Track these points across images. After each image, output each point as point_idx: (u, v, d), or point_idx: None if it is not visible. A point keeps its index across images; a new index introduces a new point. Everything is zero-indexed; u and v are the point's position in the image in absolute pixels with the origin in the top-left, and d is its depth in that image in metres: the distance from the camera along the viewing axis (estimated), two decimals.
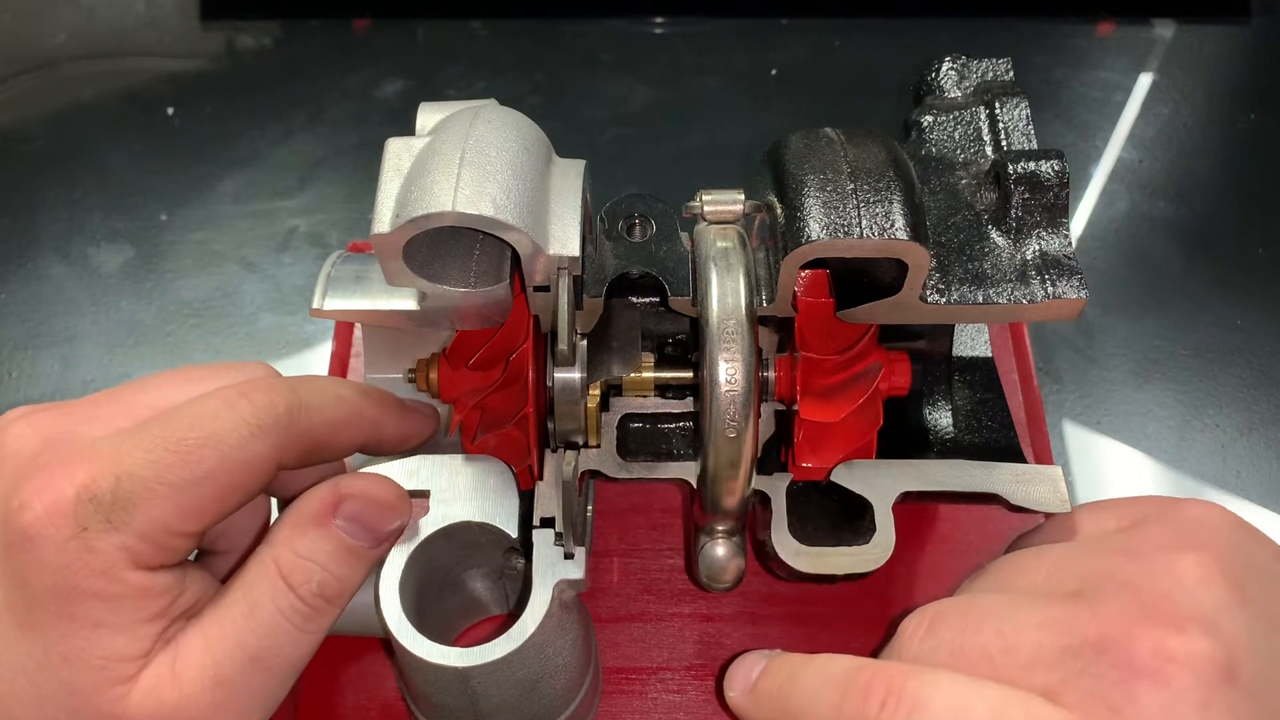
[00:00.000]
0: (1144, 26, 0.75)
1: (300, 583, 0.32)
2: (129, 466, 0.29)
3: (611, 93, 0.71)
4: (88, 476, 0.29)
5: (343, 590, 0.33)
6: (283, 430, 0.31)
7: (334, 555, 0.32)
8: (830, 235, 0.34)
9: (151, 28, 0.76)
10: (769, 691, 0.33)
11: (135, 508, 0.29)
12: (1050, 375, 0.56)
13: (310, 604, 0.32)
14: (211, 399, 0.31)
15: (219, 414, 0.30)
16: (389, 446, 0.37)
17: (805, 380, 0.38)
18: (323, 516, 0.32)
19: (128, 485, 0.29)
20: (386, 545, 0.35)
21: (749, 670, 0.34)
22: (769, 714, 0.32)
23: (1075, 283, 0.36)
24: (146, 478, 0.29)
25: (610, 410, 0.42)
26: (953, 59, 0.42)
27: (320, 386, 0.33)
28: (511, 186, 0.33)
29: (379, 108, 0.70)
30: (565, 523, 0.36)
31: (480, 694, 0.36)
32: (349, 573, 0.33)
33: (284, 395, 0.31)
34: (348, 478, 0.34)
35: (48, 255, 0.63)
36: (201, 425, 0.30)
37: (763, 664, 0.34)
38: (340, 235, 0.64)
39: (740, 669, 0.34)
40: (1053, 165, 0.36)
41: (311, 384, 0.33)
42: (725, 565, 0.38)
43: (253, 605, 0.31)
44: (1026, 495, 0.39)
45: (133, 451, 0.29)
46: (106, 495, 0.28)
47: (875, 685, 0.28)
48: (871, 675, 0.29)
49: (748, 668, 0.34)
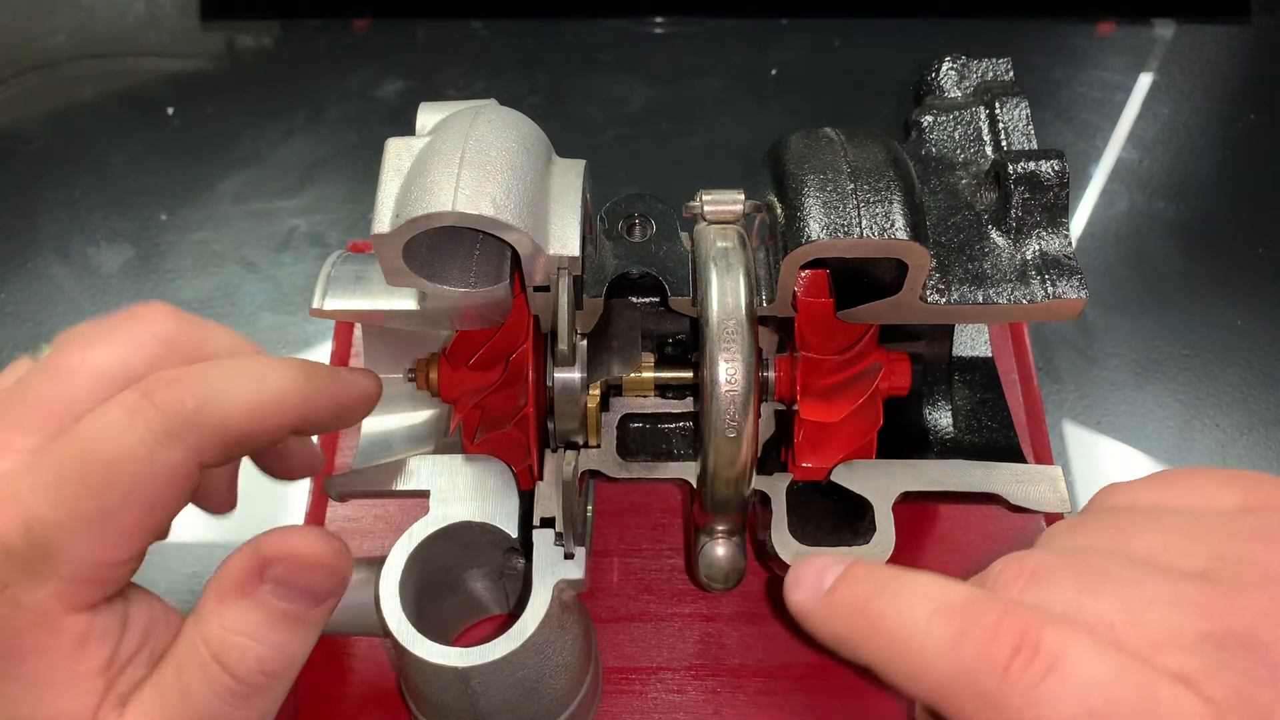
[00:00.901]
0: (1144, 26, 0.75)
1: (234, 661, 0.28)
2: (35, 510, 0.26)
3: (611, 93, 0.71)
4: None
5: (285, 661, 0.29)
6: (195, 430, 0.28)
7: (267, 624, 0.29)
8: (830, 235, 0.34)
9: (151, 28, 0.76)
10: (851, 603, 0.28)
11: (54, 554, 0.26)
12: (1050, 375, 0.56)
13: (249, 682, 0.28)
14: (111, 409, 0.27)
15: (121, 428, 0.27)
16: (328, 423, 0.33)
17: (805, 380, 0.38)
18: (246, 585, 0.29)
19: (40, 532, 0.26)
20: (331, 601, 0.30)
21: (819, 573, 0.29)
22: (848, 629, 0.28)
23: (1075, 283, 0.36)
24: (57, 520, 0.26)
25: (610, 410, 0.42)
26: (953, 59, 0.42)
27: (235, 370, 0.29)
28: (511, 186, 0.33)
29: (379, 108, 0.70)
30: (565, 523, 0.36)
31: (480, 694, 0.36)
32: (289, 640, 0.29)
33: (191, 389, 0.28)
34: (269, 536, 0.30)
35: (48, 255, 0.63)
36: (104, 447, 0.27)
37: (838, 569, 0.29)
38: (340, 235, 0.64)
39: (809, 571, 0.29)
40: (1053, 165, 0.36)
41: (224, 369, 0.29)
42: (725, 565, 0.38)
43: (185, 690, 0.28)
44: (1026, 495, 0.39)
45: (36, 493, 0.26)
46: (19, 547, 0.26)
47: (1008, 627, 0.24)
48: (1002, 614, 0.24)
49: (818, 570, 0.29)
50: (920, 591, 0.27)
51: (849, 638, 0.28)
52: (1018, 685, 0.23)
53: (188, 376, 0.28)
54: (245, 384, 0.29)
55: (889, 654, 0.26)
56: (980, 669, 0.24)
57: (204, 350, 0.30)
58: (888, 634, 0.26)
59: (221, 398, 0.28)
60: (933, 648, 0.25)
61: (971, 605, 0.25)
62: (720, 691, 0.44)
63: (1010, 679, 0.24)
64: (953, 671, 0.25)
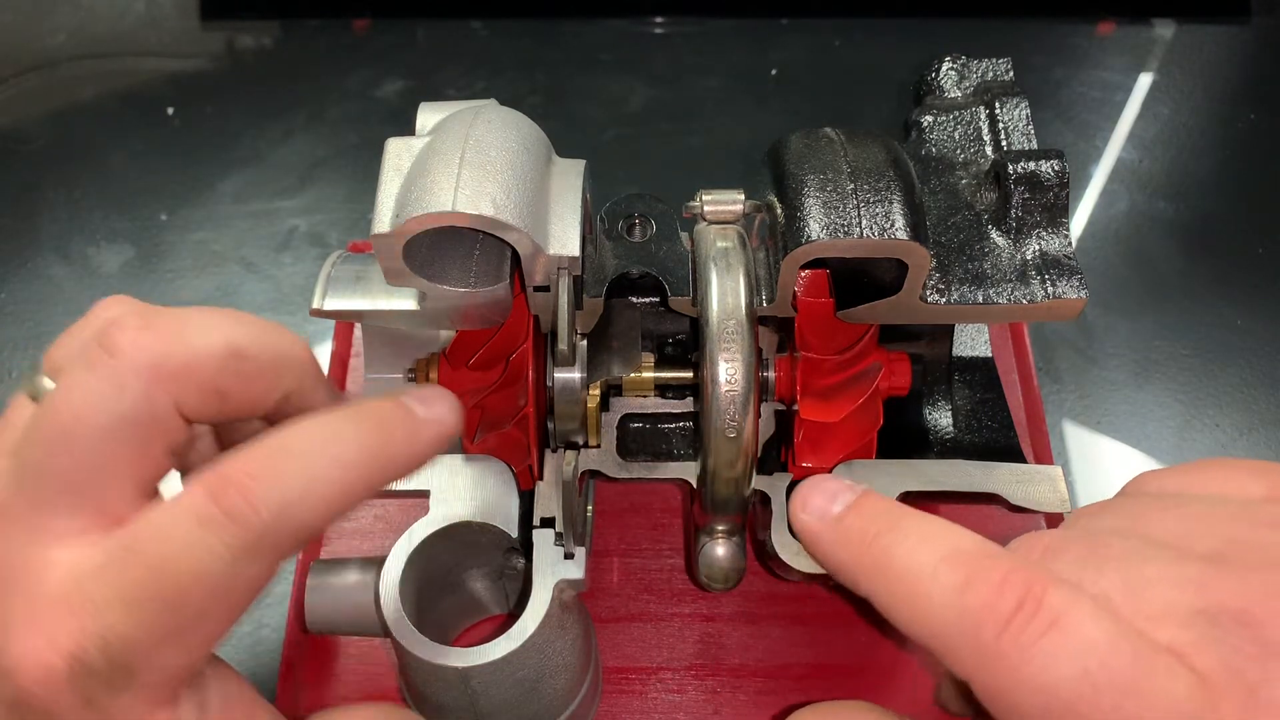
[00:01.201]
0: (1144, 26, 0.75)
1: None
2: (112, 625, 0.25)
3: (611, 93, 0.71)
4: (73, 644, 0.25)
5: None
6: (273, 541, 0.26)
7: None
8: (830, 235, 0.34)
9: (151, 28, 0.76)
10: (860, 534, 0.28)
11: (133, 669, 0.25)
12: (1050, 375, 0.56)
13: None
14: (181, 518, 0.26)
15: (196, 544, 0.25)
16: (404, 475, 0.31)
17: (805, 380, 0.38)
18: None
19: (118, 647, 0.25)
20: None
21: (830, 496, 0.29)
22: (854, 560, 0.28)
23: (1075, 283, 0.36)
24: (135, 637, 0.25)
25: (610, 410, 0.42)
26: (953, 59, 0.42)
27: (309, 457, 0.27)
28: (511, 186, 0.33)
29: (379, 108, 0.70)
30: (565, 523, 0.36)
31: (480, 694, 0.36)
32: None
33: (265, 494, 0.26)
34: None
35: (48, 255, 0.63)
36: (179, 563, 0.25)
37: (849, 496, 0.29)
38: (340, 235, 0.64)
39: (817, 493, 0.30)
40: (1053, 165, 0.36)
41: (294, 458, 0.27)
42: (725, 565, 0.38)
43: None
44: (1026, 495, 0.39)
45: (110, 604, 0.25)
46: (99, 663, 0.25)
47: (1013, 581, 0.24)
48: (1009, 569, 0.25)
49: (829, 493, 0.29)
50: (932, 535, 0.27)
51: (854, 569, 0.28)
52: (1017, 639, 0.24)
53: (259, 476, 0.26)
54: (324, 471, 0.27)
55: (893, 592, 0.27)
56: (982, 619, 0.24)
57: (196, 365, 0.28)
58: (895, 572, 0.27)
59: (299, 500, 0.26)
60: (938, 593, 0.25)
61: (981, 557, 0.26)
62: (720, 691, 0.44)
63: (1010, 632, 0.24)
64: (954, 619, 0.25)
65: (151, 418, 0.27)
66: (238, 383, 0.28)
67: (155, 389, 0.27)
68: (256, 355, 0.29)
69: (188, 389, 0.27)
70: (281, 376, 0.30)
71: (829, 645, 0.45)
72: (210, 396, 0.28)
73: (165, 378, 0.27)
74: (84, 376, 0.26)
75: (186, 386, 0.27)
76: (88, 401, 0.26)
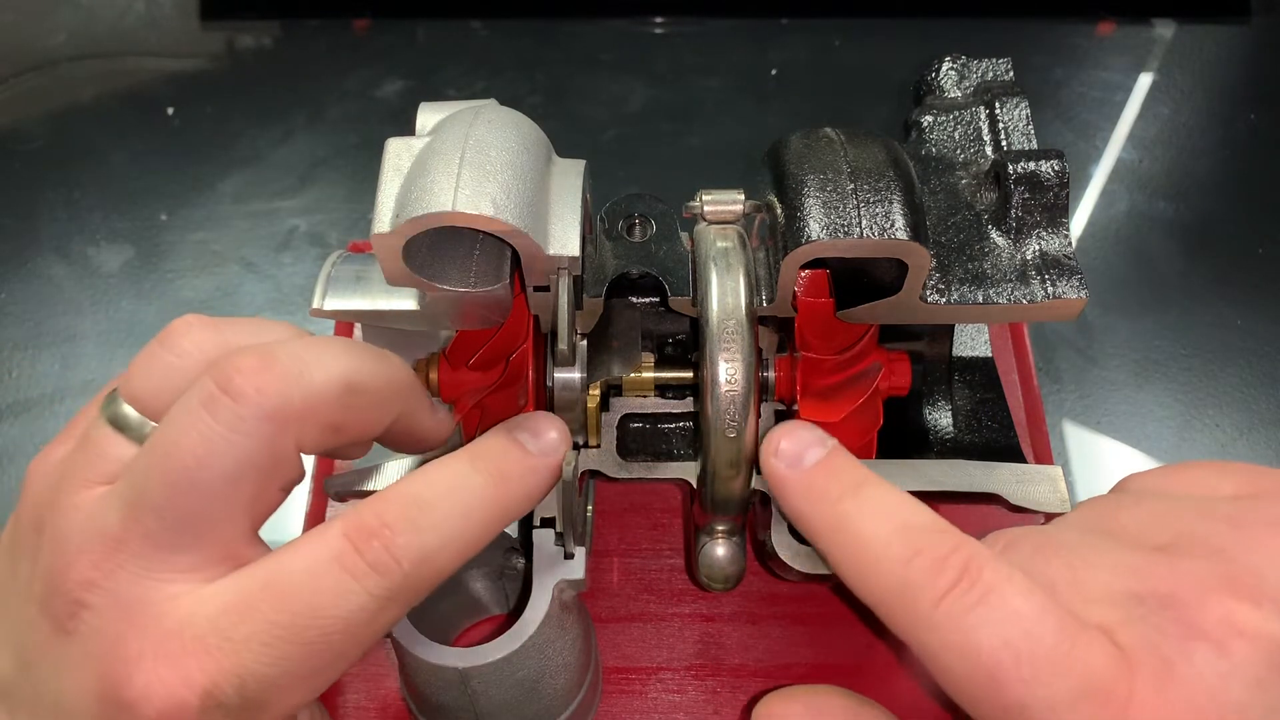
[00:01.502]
0: (1144, 26, 0.75)
1: None
2: (251, 666, 0.25)
3: (611, 93, 0.71)
4: (208, 680, 0.25)
5: None
6: (413, 589, 0.27)
7: None
8: (830, 235, 0.34)
9: (151, 28, 0.76)
10: (823, 491, 0.30)
11: (265, 708, 0.26)
12: (1050, 375, 0.56)
13: None
14: (324, 565, 0.26)
15: (341, 592, 0.26)
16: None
17: (805, 380, 0.38)
18: None
19: (254, 686, 0.25)
20: None
21: (802, 448, 0.31)
22: (814, 514, 0.30)
23: (1075, 283, 0.36)
24: (273, 677, 0.26)
25: (610, 410, 0.42)
26: (953, 59, 0.42)
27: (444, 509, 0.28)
28: (511, 186, 0.33)
29: (379, 108, 0.70)
30: (565, 523, 0.36)
31: (480, 694, 0.36)
32: None
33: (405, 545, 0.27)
34: None
35: (48, 255, 0.63)
36: (324, 611, 0.26)
37: (820, 451, 0.31)
38: (340, 235, 0.64)
39: (790, 439, 0.31)
40: (1053, 165, 0.36)
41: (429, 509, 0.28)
42: (725, 565, 0.38)
43: None
44: (1026, 495, 0.39)
45: (249, 644, 0.25)
46: (233, 700, 0.25)
47: (953, 560, 0.26)
48: (954, 547, 0.27)
49: (801, 444, 0.31)
50: (889, 506, 0.29)
51: (811, 523, 0.30)
52: (950, 610, 0.26)
53: (398, 529, 0.27)
54: (456, 523, 0.29)
55: (844, 552, 0.29)
56: (921, 590, 0.26)
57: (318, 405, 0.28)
58: (849, 536, 0.29)
59: (436, 552, 0.28)
60: (886, 563, 0.27)
61: (931, 533, 0.28)
62: (720, 691, 0.44)
63: (944, 604, 0.26)
64: (896, 587, 0.27)
65: (273, 461, 0.27)
66: (354, 415, 0.29)
67: (279, 434, 0.27)
68: (372, 388, 0.29)
69: (307, 429, 0.28)
70: (394, 405, 0.31)
71: (829, 645, 0.45)
72: (328, 433, 0.28)
73: (289, 421, 0.27)
74: (205, 421, 0.26)
75: (306, 427, 0.28)
76: (212, 448, 0.26)
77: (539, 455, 0.32)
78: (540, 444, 0.32)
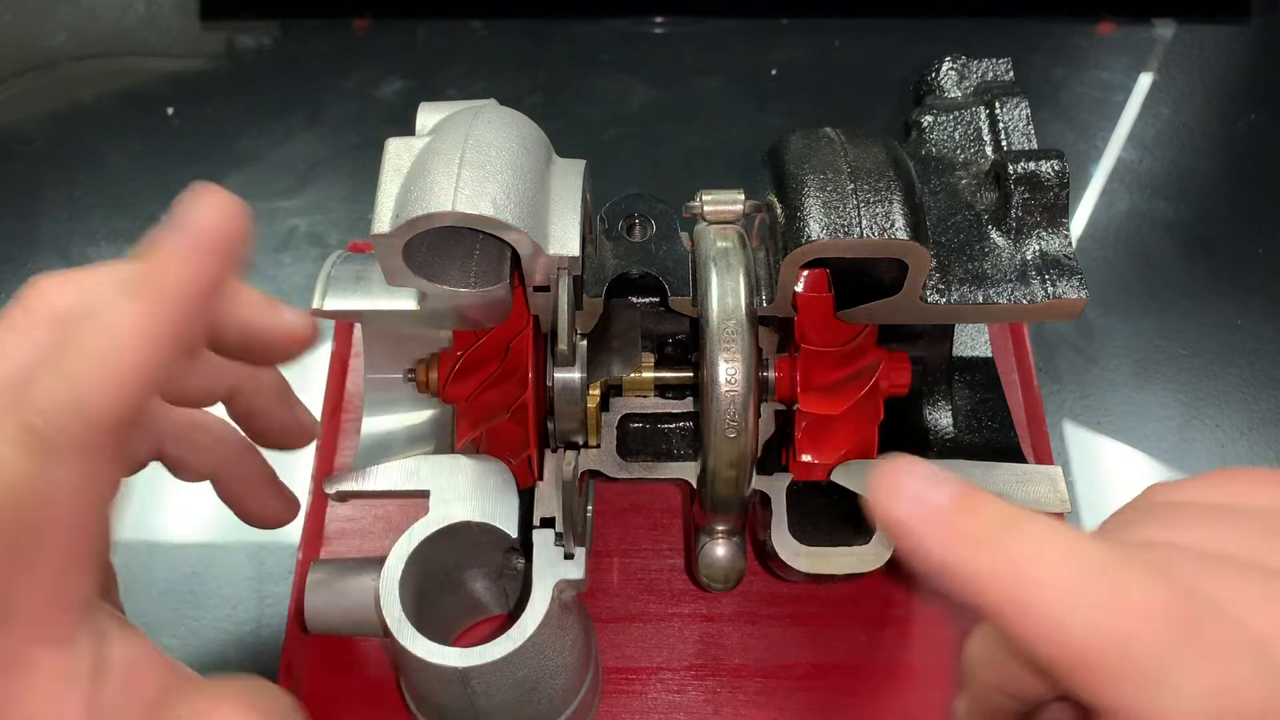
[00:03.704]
0: (1144, 26, 0.75)
1: None
2: None
3: (611, 93, 0.71)
4: None
5: None
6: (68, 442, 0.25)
7: None
8: (830, 235, 0.34)
9: (151, 28, 0.76)
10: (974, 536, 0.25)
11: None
12: (1050, 375, 0.56)
13: None
14: None
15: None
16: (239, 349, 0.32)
17: (805, 378, 0.38)
18: None
19: None
20: None
21: (922, 487, 0.25)
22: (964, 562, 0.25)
23: (1075, 283, 0.36)
24: None
25: (610, 410, 0.42)
26: (953, 59, 0.42)
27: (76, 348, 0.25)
28: (511, 186, 0.33)
29: (379, 108, 0.70)
30: (565, 523, 0.36)
31: (480, 694, 0.36)
32: None
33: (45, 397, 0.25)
34: None
35: (48, 255, 0.63)
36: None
37: (946, 490, 0.25)
38: (340, 235, 0.64)
39: (910, 482, 0.26)
40: (1053, 165, 0.36)
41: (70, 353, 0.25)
42: (725, 565, 0.38)
43: None
44: (1026, 495, 0.39)
45: None
46: None
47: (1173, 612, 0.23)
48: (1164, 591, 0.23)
49: (921, 481, 0.25)
50: (1059, 543, 0.24)
51: (964, 574, 0.25)
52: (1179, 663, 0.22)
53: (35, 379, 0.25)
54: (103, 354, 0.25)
55: (1021, 605, 0.24)
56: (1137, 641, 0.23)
57: None
58: (1024, 584, 0.24)
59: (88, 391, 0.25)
60: (1082, 612, 0.23)
61: (1125, 568, 0.24)
62: (720, 691, 0.44)
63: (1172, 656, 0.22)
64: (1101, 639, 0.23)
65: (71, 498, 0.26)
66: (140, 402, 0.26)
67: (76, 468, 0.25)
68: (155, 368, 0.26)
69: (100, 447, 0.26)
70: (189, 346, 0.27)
71: (829, 645, 0.45)
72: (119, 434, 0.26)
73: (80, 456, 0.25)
74: None
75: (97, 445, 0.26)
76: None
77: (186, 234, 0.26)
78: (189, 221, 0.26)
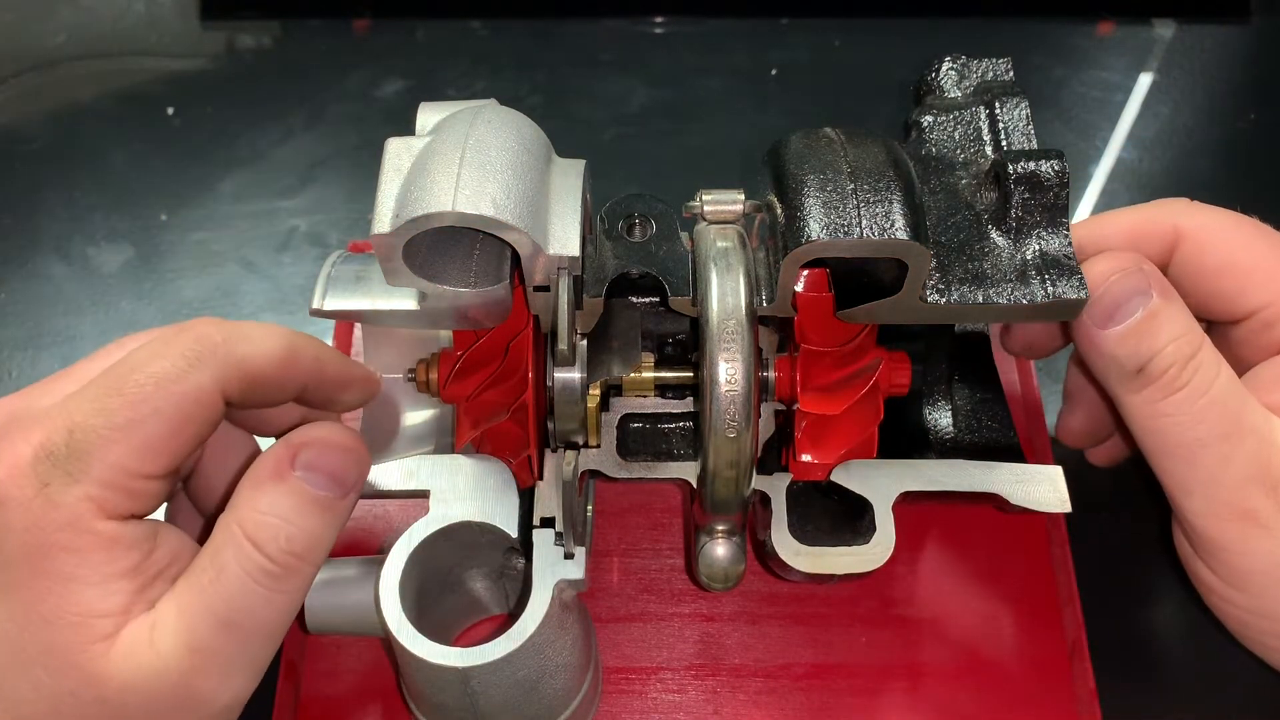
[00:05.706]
0: (1144, 26, 0.75)
1: (266, 540, 0.31)
2: (79, 419, 0.30)
3: (611, 93, 0.71)
4: (43, 435, 0.29)
5: (312, 544, 0.32)
6: (221, 360, 0.31)
7: (298, 508, 0.31)
8: (830, 235, 0.34)
9: (151, 28, 0.76)
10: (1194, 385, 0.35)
11: (91, 456, 0.29)
12: (1050, 375, 0.56)
13: (279, 562, 0.31)
14: (151, 341, 0.32)
15: (156, 353, 0.31)
16: (332, 393, 0.36)
17: (805, 378, 0.38)
18: (280, 470, 0.32)
19: (80, 436, 0.29)
20: (353, 495, 0.33)
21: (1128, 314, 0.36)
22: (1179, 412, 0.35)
23: (1075, 283, 0.36)
24: (96, 425, 0.29)
25: (610, 410, 0.42)
26: (953, 59, 0.42)
27: (256, 326, 0.33)
28: (511, 186, 0.33)
29: (379, 108, 0.70)
30: (565, 523, 0.36)
31: (480, 694, 0.36)
32: (317, 525, 0.32)
33: (219, 328, 0.32)
34: (301, 429, 0.33)
35: (48, 255, 0.63)
36: (141, 366, 0.30)
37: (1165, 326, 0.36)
38: (340, 235, 0.64)
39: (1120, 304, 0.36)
40: (1053, 165, 0.36)
41: (248, 324, 0.33)
42: (725, 565, 0.38)
43: (220, 570, 0.30)
44: (1026, 495, 0.39)
45: (81, 405, 0.30)
46: (61, 449, 0.29)
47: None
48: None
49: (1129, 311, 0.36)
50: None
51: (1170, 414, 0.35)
52: None
53: (217, 321, 0.32)
54: (267, 334, 0.33)
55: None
56: None
57: None
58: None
59: (246, 338, 0.32)
60: None
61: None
62: (720, 691, 0.44)
63: None
64: None
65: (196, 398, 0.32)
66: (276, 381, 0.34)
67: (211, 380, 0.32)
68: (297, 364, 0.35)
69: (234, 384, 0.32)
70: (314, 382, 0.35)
71: (829, 645, 0.45)
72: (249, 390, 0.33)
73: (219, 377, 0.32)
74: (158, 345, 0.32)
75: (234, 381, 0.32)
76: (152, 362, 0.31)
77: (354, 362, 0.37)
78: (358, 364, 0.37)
